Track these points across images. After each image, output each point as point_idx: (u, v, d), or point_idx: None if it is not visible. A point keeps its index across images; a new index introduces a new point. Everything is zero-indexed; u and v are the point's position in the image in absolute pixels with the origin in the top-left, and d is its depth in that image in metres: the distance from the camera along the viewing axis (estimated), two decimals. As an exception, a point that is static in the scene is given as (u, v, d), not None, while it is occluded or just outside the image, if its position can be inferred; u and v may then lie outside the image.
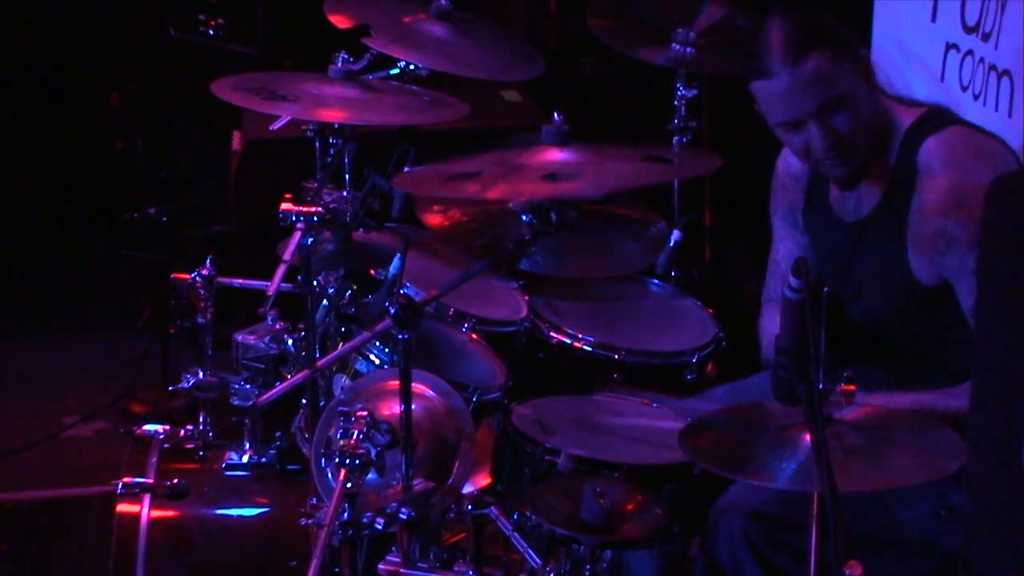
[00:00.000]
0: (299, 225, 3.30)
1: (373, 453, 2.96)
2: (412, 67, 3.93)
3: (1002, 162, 3.20)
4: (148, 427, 3.71)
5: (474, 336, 3.62)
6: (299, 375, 3.31)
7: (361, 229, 3.72)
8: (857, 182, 3.31)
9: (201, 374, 3.67)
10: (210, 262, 3.70)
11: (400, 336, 2.96)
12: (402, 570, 3.04)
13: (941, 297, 3.23)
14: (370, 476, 2.98)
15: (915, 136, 3.24)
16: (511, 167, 3.24)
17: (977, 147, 3.23)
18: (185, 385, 3.67)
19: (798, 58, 3.17)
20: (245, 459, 3.60)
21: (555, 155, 3.23)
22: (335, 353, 3.37)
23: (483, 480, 3.29)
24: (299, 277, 3.39)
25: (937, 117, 3.28)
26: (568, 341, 3.60)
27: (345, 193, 3.74)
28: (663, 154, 3.22)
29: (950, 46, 3.94)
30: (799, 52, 3.17)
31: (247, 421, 3.61)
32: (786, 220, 3.57)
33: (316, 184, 3.73)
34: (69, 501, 4.78)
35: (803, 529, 2.64)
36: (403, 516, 2.99)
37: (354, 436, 2.95)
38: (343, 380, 3.46)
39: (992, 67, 3.74)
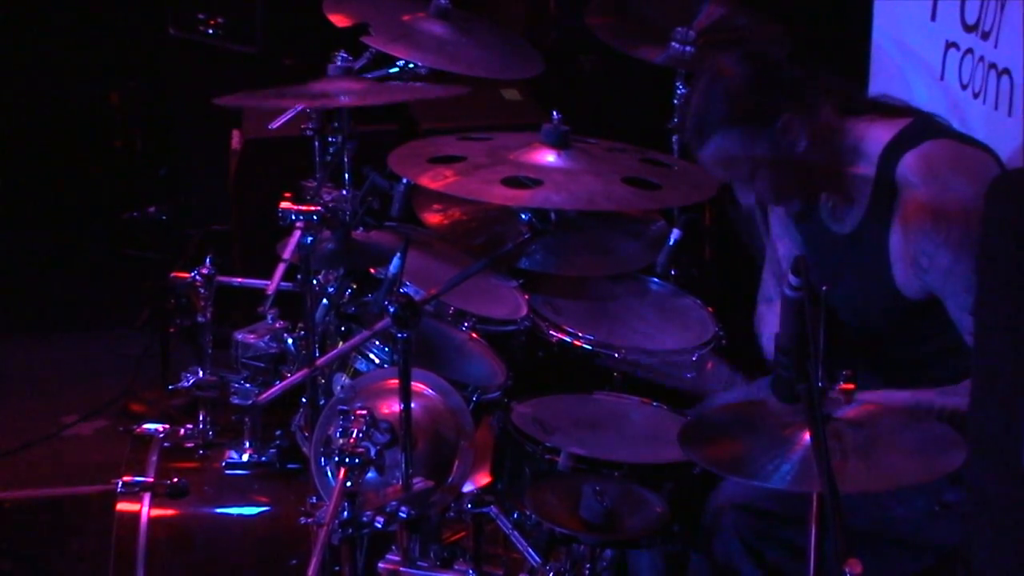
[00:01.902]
0: (298, 224, 3.30)
1: (373, 452, 2.96)
2: (411, 65, 3.94)
3: (984, 172, 3.13)
4: (148, 426, 3.71)
5: (474, 335, 3.62)
6: (299, 374, 3.31)
7: (361, 228, 3.72)
8: (815, 208, 3.33)
9: (201, 373, 3.67)
10: (210, 261, 3.70)
11: (400, 335, 2.96)
12: (402, 569, 3.04)
13: (927, 310, 3.21)
14: (370, 475, 2.98)
15: (894, 151, 3.21)
16: (496, 160, 3.24)
17: (956, 159, 3.19)
18: (185, 384, 3.67)
19: (701, 143, 3.23)
20: (245, 458, 3.60)
21: (544, 157, 3.24)
22: (335, 352, 3.37)
23: (483, 479, 3.29)
24: (299, 276, 3.39)
25: (918, 130, 3.25)
26: (568, 340, 3.60)
27: (345, 192, 3.74)
28: (649, 179, 3.22)
29: (950, 44, 3.93)
30: (701, 137, 3.22)
31: (247, 420, 3.61)
32: (781, 220, 3.57)
33: (315, 183, 3.72)
34: (69, 500, 4.78)
35: (795, 522, 2.64)
36: (403, 515, 2.99)
37: (354, 435, 2.95)
38: (343, 379, 3.46)
39: (992, 66, 3.73)
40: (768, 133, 3.20)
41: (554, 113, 3.33)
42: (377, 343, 3.43)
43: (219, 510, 3.56)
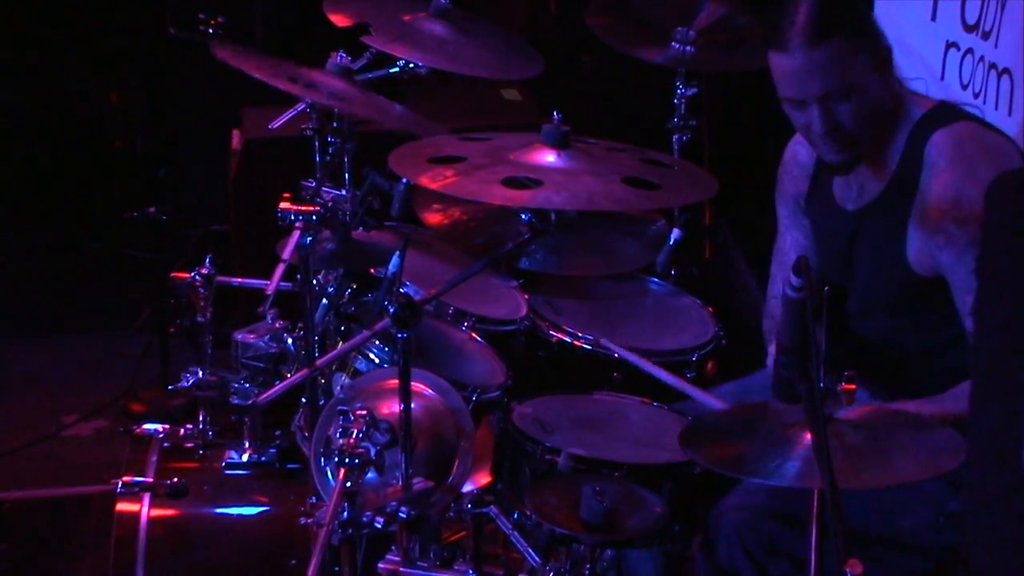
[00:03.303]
0: (298, 224, 3.30)
1: (372, 452, 2.96)
2: (412, 65, 3.93)
3: (1008, 160, 3.20)
4: (148, 426, 3.71)
5: (474, 335, 3.62)
6: (299, 374, 3.31)
7: (360, 228, 3.72)
8: (854, 169, 3.29)
9: (201, 373, 3.66)
10: (209, 261, 3.70)
11: (399, 335, 2.95)
12: (402, 569, 3.04)
13: (935, 292, 3.23)
14: (369, 475, 2.98)
15: (924, 128, 3.23)
16: (497, 160, 3.25)
17: (984, 144, 3.22)
18: (185, 384, 3.67)
19: (816, 41, 3.11)
20: (245, 458, 3.60)
21: (544, 157, 3.24)
22: (335, 352, 3.37)
23: (483, 479, 3.29)
24: (298, 276, 3.39)
25: (948, 111, 3.28)
26: (568, 340, 3.59)
27: (344, 192, 3.74)
28: (649, 179, 3.21)
29: (950, 45, 3.94)
30: (819, 35, 3.11)
31: (247, 420, 3.61)
32: (790, 208, 3.57)
33: (315, 183, 3.72)
34: (69, 500, 4.78)
35: (801, 538, 2.64)
36: (403, 515, 2.99)
37: (354, 435, 2.95)
38: (343, 379, 3.46)
39: (992, 65, 3.74)
40: (868, 62, 3.17)
41: (554, 113, 3.33)
42: (377, 343, 3.43)
43: (219, 510, 3.56)
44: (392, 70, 3.96)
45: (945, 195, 3.16)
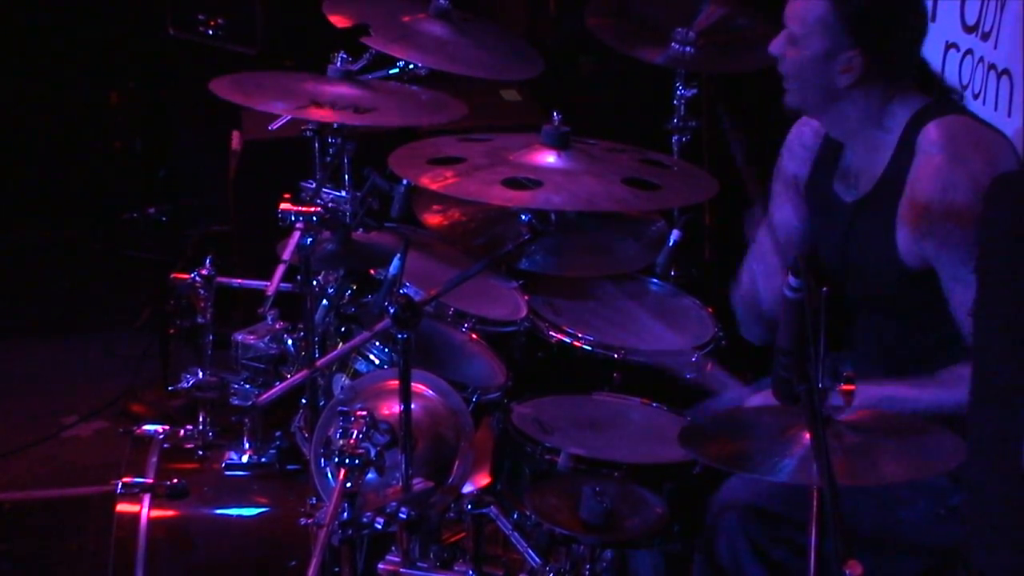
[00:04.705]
0: (298, 225, 3.30)
1: (373, 453, 2.96)
2: (411, 66, 3.94)
3: (999, 155, 3.22)
4: (148, 427, 3.71)
5: (474, 336, 3.62)
6: (299, 375, 3.31)
7: (361, 229, 3.72)
8: (791, 110, 3.41)
9: (201, 374, 3.67)
10: (209, 262, 3.70)
11: (400, 336, 2.96)
12: (402, 569, 3.04)
13: (926, 287, 3.23)
14: (370, 476, 2.98)
15: (919, 120, 3.27)
16: (496, 161, 3.25)
17: (975, 137, 3.25)
18: (185, 385, 3.67)
19: None
20: (245, 459, 3.60)
21: (544, 158, 3.24)
22: (335, 353, 3.37)
23: (483, 479, 3.29)
24: (298, 277, 3.39)
25: (943, 104, 3.31)
26: (568, 340, 3.60)
27: (344, 193, 3.74)
28: (649, 179, 3.22)
29: (950, 45, 3.94)
30: None
31: (247, 421, 3.61)
32: (786, 184, 3.59)
33: (315, 184, 3.72)
34: (69, 501, 4.78)
35: (801, 523, 2.64)
36: (403, 515, 3.00)
37: (354, 436, 2.95)
38: (343, 380, 3.46)
39: (991, 66, 3.74)
40: (842, 47, 3.26)
41: (554, 114, 3.33)
42: (377, 344, 3.43)
43: (219, 511, 3.56)
44: (392, 71, 3.96)
45: (933, 184, 3.19)
